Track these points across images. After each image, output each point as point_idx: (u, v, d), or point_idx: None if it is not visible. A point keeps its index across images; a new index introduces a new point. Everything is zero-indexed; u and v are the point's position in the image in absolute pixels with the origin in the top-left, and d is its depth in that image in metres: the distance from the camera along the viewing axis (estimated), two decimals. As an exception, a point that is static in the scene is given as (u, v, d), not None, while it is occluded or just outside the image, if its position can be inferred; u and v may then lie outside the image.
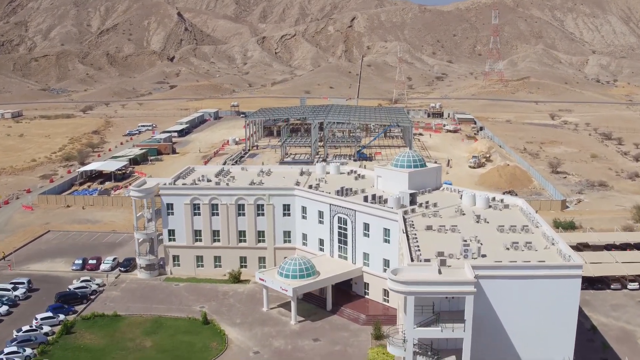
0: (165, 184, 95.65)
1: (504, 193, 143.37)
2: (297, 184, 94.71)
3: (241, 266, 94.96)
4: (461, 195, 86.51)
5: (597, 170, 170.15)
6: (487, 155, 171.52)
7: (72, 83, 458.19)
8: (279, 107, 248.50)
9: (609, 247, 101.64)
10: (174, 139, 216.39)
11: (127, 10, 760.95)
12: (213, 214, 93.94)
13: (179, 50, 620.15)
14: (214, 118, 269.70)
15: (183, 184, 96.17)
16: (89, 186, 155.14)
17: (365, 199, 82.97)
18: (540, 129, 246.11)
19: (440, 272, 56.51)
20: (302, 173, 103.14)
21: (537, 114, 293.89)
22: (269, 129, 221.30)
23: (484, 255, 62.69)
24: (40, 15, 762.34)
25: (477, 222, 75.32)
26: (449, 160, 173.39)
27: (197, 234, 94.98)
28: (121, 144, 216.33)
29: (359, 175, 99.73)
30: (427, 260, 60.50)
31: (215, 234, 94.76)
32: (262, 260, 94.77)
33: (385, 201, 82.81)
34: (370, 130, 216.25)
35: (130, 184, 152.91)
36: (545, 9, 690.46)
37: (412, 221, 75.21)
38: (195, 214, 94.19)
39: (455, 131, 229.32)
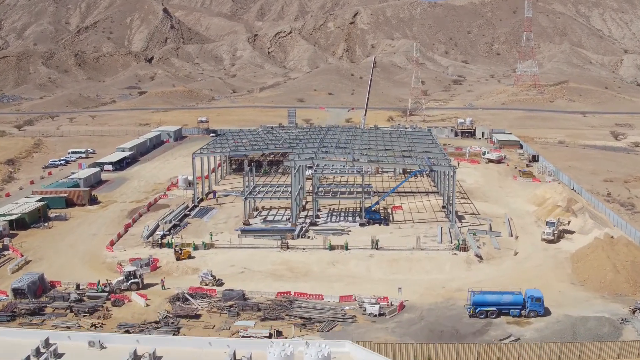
0: None
1: (634, 311, 79.69)
2: None
3: None
4: None
5: None
6: (567, 221, 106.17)
7: (29, 89, 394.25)
8: (253, 127, 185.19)
9: None
10: (104, 176, 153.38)
11: (110, 6, 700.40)
12: None
13: (161, 49, 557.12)
14: (175, 139, 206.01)
15: None
16: None
17: None
18: (609, 155, 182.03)
19: None
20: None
21: (592, 132, 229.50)
22: (238, 162, 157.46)
23: None
24: (17, 12, 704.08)
25: None
26: (509, 222, 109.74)
27: None
28: (31, 183, 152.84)
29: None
30: None
31: None
32: None
33: None
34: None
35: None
36: (568, 3, 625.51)
37: None
38: None
39: (499, 161, 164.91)
